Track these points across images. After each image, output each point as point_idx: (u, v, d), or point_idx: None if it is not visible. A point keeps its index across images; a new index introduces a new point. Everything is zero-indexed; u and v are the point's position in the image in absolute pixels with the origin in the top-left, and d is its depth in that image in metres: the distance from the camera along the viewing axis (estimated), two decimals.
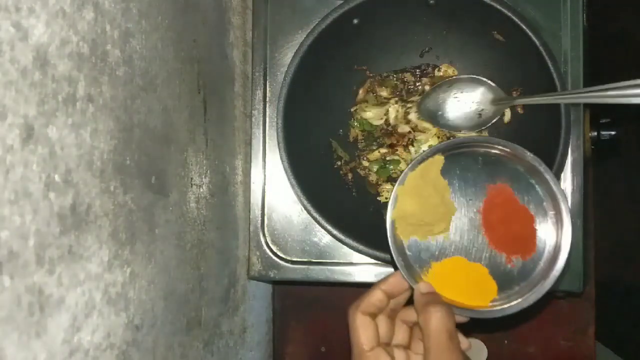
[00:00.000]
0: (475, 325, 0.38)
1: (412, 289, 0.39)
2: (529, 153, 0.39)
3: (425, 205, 0.40)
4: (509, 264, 0.39)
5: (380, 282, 0.39)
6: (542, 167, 0.38)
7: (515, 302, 0.38)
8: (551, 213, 0.39)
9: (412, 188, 0.40)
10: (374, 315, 0.38)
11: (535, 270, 0.39)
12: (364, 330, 0.37)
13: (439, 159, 0.40)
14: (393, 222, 0.40)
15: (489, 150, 0.40)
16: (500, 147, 0.40)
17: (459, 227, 0.40)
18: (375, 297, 0.38)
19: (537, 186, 0.40)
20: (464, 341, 0.37)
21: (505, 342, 0.69)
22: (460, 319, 0.38)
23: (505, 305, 0.38)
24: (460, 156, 0.40)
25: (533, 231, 0.40)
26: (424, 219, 0.40)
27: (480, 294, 0.39)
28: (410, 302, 0.39)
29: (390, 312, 0.39)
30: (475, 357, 0.65)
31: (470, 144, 0.40)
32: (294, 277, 0.58)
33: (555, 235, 0.39)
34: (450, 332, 0.35)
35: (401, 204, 0.40)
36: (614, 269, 0.82)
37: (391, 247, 0.39)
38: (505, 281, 0.39)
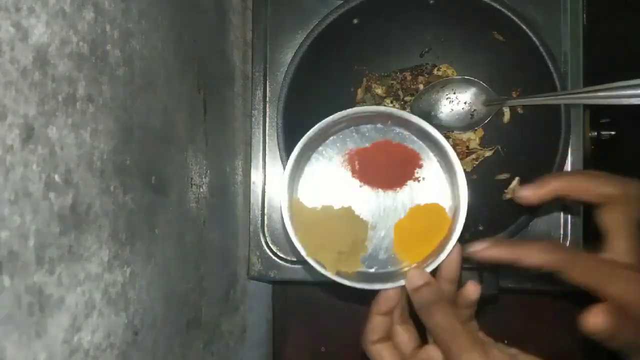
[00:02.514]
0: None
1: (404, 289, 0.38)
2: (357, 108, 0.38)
3: (333, 239, 0.38)
4: (416, 181, 0.39)
5: (373, 307, 0.38)
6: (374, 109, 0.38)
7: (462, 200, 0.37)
8: (398, 129, 0.39)
9: (311, 237, 0.38)
10: (386, 338, 0.37)
11: (444, 168, 0.39)
12: (381, 358, 0.37)
13: (296, 202, 0.39)
14: (339, 274, 0.38)
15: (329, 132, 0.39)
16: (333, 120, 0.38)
17: (365, 208, 0.39)
18: (377, 324, 0.37)
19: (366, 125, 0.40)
20: (475, 289, 0.37)
21: (505, 342, 0.69)
22: (453, 259, 0.37)
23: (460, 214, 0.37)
24: (310, 162, 0.40)
25: (402, 147, 0.39)
26: (341, 249, 0.38)
27: (438, 223, 0.38)
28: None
29: (402, 318, 0.38)
30: None
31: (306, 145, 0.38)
32: (294, 277, 0.58)
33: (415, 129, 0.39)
34: (457, 327, 0.34)
35: (321, 259, 0.38)
36: None
37: (358, 286, 0.37)
38: (439, 195, 0.39)
